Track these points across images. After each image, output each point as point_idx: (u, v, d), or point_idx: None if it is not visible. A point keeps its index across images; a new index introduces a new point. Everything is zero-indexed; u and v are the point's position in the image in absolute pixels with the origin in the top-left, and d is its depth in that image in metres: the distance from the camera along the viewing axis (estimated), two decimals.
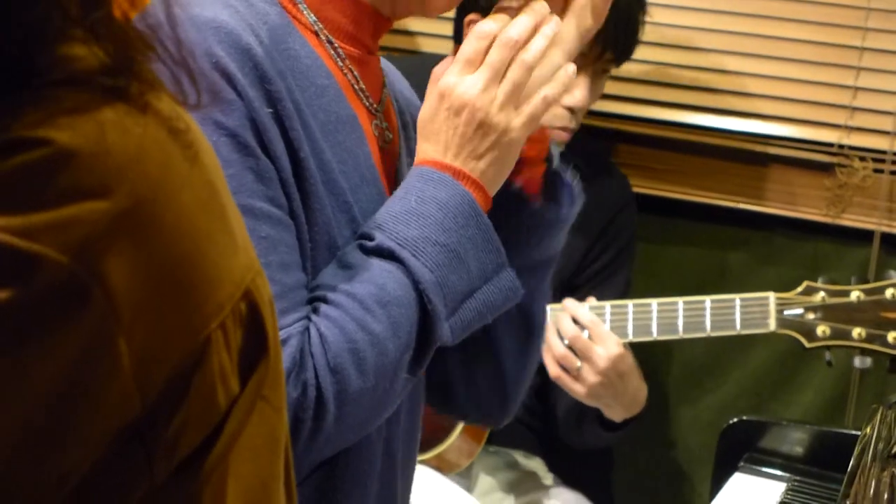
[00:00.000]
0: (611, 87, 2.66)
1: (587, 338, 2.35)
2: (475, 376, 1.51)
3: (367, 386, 1.26)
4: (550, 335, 2.34)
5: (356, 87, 1.40)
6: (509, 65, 1.35)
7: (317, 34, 1.37)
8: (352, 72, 1.39)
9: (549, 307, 2.33)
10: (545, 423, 2.61)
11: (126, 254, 0.81)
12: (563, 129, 2.42)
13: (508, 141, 1.35)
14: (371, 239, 1.30)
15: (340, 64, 1.38)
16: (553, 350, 2.35)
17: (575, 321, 2.36)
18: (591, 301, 2.40)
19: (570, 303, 2.38)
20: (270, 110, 1.27)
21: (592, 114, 2.65)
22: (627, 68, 2.68)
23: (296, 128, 1.28)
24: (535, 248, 1.46)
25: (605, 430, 2.50)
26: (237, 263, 0.90)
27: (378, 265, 1.29)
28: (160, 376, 0.84)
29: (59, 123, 0.80)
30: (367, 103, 1.41)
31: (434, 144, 1.36)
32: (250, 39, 1.27)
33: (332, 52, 1.37)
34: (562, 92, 1.37)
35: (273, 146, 1.26)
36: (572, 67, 1.38)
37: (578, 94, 2.40)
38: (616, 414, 2.44)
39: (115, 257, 0.81)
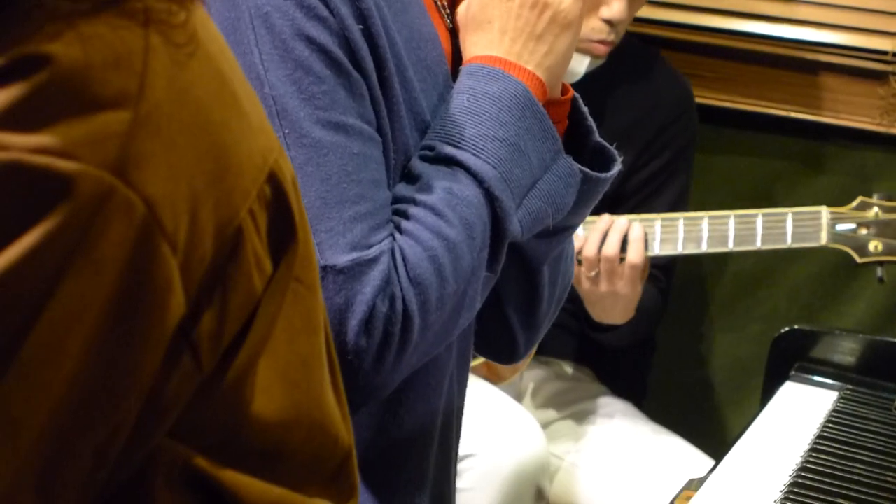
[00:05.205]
0: None
1: (621, 260, 2.34)
2: (483, 327, 1.49)
3: (448, 292, 1.26)
4: (592, 234, 2.34)
5: (438, 3, 1.39)
6: None
7: None
8: None
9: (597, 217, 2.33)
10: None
11: (156, 159, 0.81)
12: (602, 42, 2.39)
13: (564, 20, 1.34)
14: (431, 149, 1.30)
15: None
16: (585, 249, 2.34)
17: (625, 240, 2.35)
18: (643, 215, 2.39)
19: (624, 220, 2.36)
20: (361, 27, 1.26)
21: (639, 20, 2.62)
22: None
23: (383, 45, 1.28)
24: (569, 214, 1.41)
25: (590, 328, 2.53)
26: (256, 146, 0.90)
27: (442, 171, 1.28)
28: (200, 273, 0.85)
29: (56, 37, 0.79)
30: (448, 22, 1.39)
31: (487, 34, 1.34)
32: None
33: None
34: None
35: (364, 63, 1.26)
36: None
37: (616, 7, 2.36)
38: (594, 312, 2.46)
39: (147, 164, 0.81)
